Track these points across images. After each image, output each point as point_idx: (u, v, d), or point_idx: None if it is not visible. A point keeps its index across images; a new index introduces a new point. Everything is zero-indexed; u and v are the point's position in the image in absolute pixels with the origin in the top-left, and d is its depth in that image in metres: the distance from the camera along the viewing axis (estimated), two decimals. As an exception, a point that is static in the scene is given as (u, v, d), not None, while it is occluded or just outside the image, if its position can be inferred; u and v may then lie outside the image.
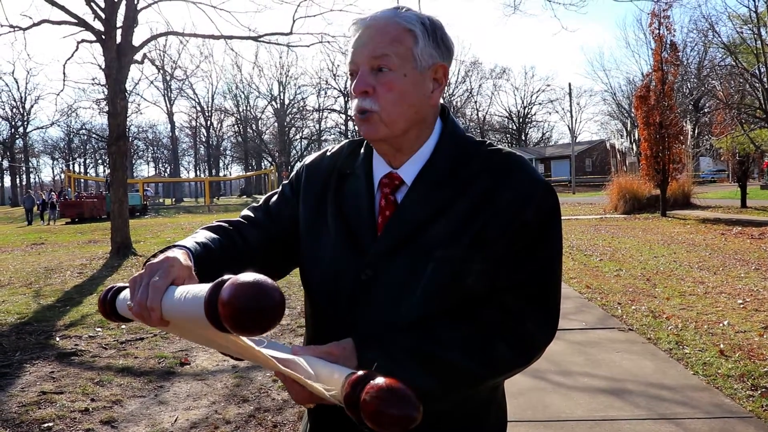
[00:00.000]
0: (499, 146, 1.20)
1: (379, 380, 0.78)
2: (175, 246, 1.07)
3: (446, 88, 1.26)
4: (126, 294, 0.98)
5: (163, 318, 0.87)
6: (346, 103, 64.01)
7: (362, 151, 1.24)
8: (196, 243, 1.11)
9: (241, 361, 1.05)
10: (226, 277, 0.73)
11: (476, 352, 1.05)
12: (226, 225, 1.25)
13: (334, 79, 63.42)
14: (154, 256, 1.05)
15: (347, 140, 1.30)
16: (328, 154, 1.31)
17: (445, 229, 1.10)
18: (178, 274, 0.91)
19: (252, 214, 1.30)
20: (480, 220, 1.09)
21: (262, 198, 1.35)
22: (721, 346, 4.89)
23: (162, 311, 0.87)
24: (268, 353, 0.86)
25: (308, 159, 1.34)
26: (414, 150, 1.17)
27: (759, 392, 3.90)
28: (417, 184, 1.15)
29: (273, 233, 1.26)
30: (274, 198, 1.33)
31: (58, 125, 65.41)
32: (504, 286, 1.09)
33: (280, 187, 1.35)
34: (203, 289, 0.76)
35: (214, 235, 1.19)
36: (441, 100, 1.20)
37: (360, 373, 0.82)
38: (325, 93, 65.29)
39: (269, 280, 0.72)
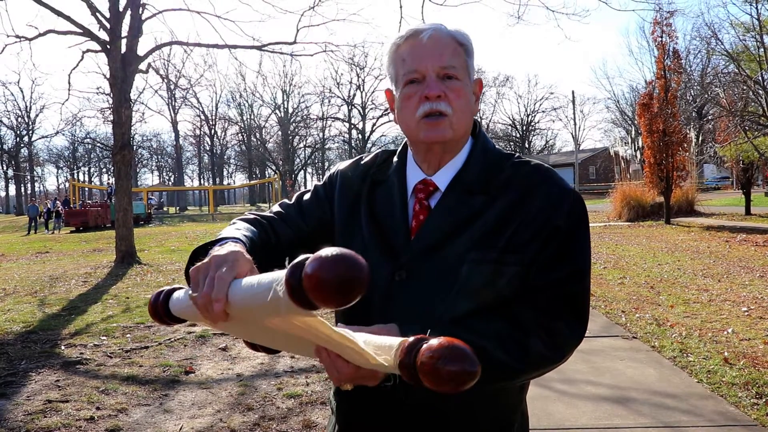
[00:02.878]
0: (528, 158, 1.25)
1: (435, 341, 0.79)
2: (229, 238, 1.08)
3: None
4: (179, 294, 0.99)
5: (225, 311, 0.87)
6: (349, 111, 64.20)
7: (395, 159, 1.30)
8: (245, 236, 1.14)
9: (275, 353, 1.06)
10: (304, 256, 0.74)
11: (512, 346, 1.08)
12: (261, 219, 1.29)
13: (338, 88, 63.66)
14: (205, 247, 1.06)
15: (381, 149, 1.35)
16: (362, 162, 1.36)
17: (478, 233, 1.15)
18: (242, 269, 0.91)
19: (284, 211, 1.34)
20: (512, 225, 1.14)
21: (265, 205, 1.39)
22: (726, 353, 4.88)
23: (229, 303, 0.87)
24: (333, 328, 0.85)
25: (342, 165, 1.38)
26: (450, 158, 1.23)
27: (764, 400, 3.89)
28: (450, 191, 1.21)
29: (303, 231, 1.30)
30: (307, 196, 1.37)
31: (63, 134, 65.68)
32: (536, 287, 1.14)
33: (313, 187, 1.39)
34: (278, 274, 0.77)
35: (253, 228, 1.22)
36: None
37: (413, 338, 0.83)
38: (329, 101, 65.49)
39: (353, 252, 0.73)
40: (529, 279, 1.14)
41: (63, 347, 5.87)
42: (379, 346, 0.88)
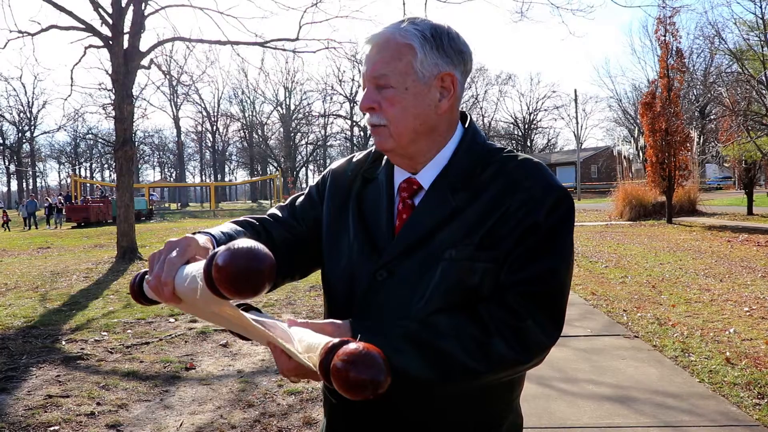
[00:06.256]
0: (517, 153, 1.21)
1: (351, 345, 0.79)
2: (199, 232, 1.09)
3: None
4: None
5: (175, 294, 0.91)
6: (351, 108, 64.13)
7: (385, 157, 1.28)
8: (222, 232, 1.15)
9: (248, 340, 1.08)
10: (222, 247, 0.76)
11: (473, 345, 1.05)
12: (253, 220, 1.29)
13: (340, 85, 63.62)
14: None
15: (375, 147, 1.32)
16: (354, 160, 1.35)
17: (458, 231, 1.13)
18: (195, 254, 0.95)
19: (278, 213, 1.35)
20: (491, 220, 1.12)
21: (267, 203, 1.38)
22: (727, 353, 4.87)
23: (174, 287, 0.90)
24: (258, 319, 0.89)
25: (335, 164, 1.38)
26: (430, 157, 1.20)
27: (766, 401, 3.88)
28: (433, 189, 1.18)
29: (297, 232, 1.30)
30: (300, 199, 1.38)
31: (65, 130, 65.90)
32: (507, 284, 1.10)
33: (307, 189, 1.40)
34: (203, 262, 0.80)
35: (239, 228, 1.22)
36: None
37: (336, 340, 0.83)
38: (331, 98, 65.50)
39: (261, 246, 0.75)
40: (501, 276, 1.11)
41: (64, 342, 5.87)
42: (310, 346, 0.89)
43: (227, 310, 0.85)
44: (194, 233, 1.07)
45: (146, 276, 1.01)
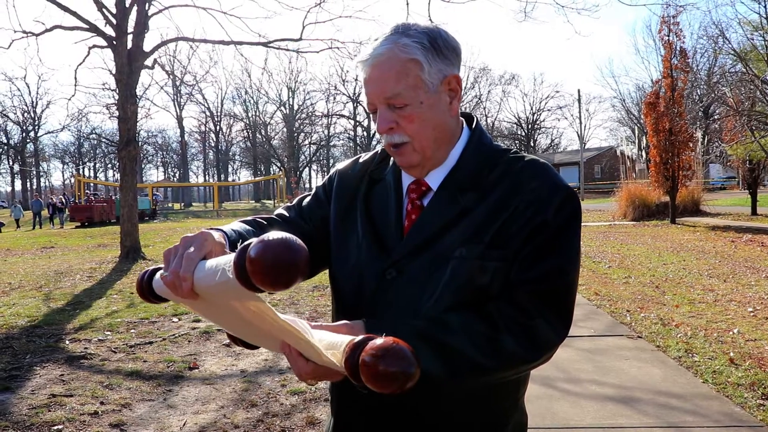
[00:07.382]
0: (524, 153, 1.22)
1: (377, 341, 0.79)
2: (211, 229, 1.09)
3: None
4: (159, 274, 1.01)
5: (193, 290, 0.90)
6: (354, 108, 64.09)
7: (392, 158, 1.28)
8: (232, 230, 1.15)
9: (253, 348, 1.08)
10: (252, 240, 0.76)
11: (482, 342, 1.06)
12: (261, 220, 1.30)
13: (343, 85, 63.49)
14: None
15: (381, 147, 1.33)
16: (361, 160, 1.36)
17: (467, 231, 1.14)
18: (211, 249, 0.94)
19: (285, 213, 1.36)
20: (500, 220, 1.13)
21: (269, 203, 1.39)
22: (731, 354, 4.86)
23: (193, 283, 0.89)
24: (283, 317, 0.88)
25: (341, 165, 1.39)
26: (440, 160, 1.21)
27: (769, 401, 3.87)
28: (442, 190, 1.20)
29: (305, 232, 1.29)
30: (308, 199, 1.39)
31: (69, 130, 66.13)
32: (516, 283, 1.11)
33: (314, 189, 1.41)
34: (233, 255, 0.79)
35: (248, 227, 1.23)
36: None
37: (360, 337, 0.83)
38: (334, 99, 65.34)
39: (295, 237, 0.75)
40: (510, 275, 1.12)
41: (67, 342, 5.88)
42: (331, 344, 0.89)
43: (253, 305, 0.84)
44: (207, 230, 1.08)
45: (159, 272, 1.01)
